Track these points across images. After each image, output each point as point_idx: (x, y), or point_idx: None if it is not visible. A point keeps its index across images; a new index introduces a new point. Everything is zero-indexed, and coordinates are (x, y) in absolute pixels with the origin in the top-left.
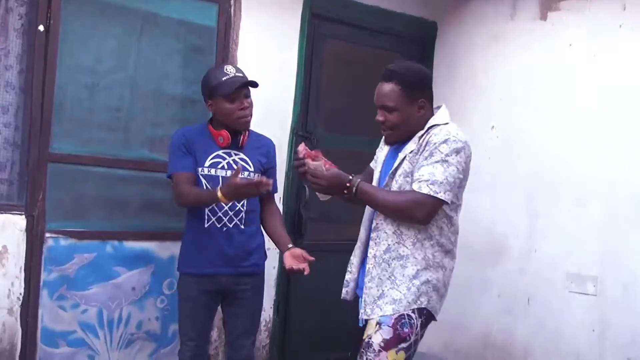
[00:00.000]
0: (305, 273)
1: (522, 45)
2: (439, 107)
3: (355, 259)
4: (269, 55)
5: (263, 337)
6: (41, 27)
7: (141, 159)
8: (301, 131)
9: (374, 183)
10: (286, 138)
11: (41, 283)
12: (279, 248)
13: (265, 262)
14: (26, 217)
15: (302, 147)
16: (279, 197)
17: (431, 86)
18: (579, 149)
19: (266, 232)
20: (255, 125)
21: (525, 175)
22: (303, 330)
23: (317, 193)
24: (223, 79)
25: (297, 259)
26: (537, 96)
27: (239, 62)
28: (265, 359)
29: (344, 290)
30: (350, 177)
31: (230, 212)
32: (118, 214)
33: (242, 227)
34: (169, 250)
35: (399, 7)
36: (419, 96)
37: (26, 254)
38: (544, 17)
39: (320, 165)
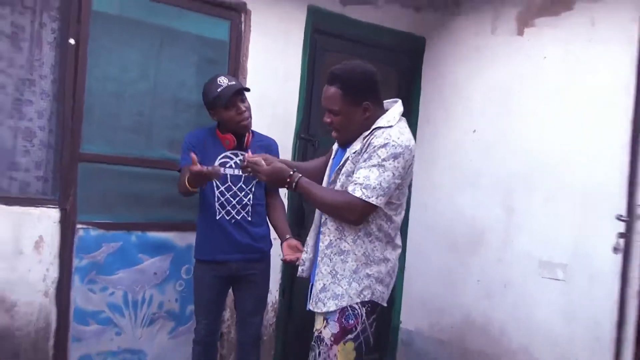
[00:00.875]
0: (297, 263)
1: (501, 58)
2: (395, 102)
3: (310, 240)
4: (275, 66)
5: (270, 316)
6: (72, 41)
7: (161, 158)
8: (304, 134)
9: (326, 175)
10: (291, 141)
11: (73, 269)
12: (279, 238)
13: (272, 250)
14: (59, 210)
15: (246, 156)
16: (283, 193)
17: (377, 87)
18: (552, 151)
19: (270, 223)
20: (263, 129)
21: (503, 174)
22: (306, 311)
23: None
24: (218, 90)
25: (292, 249)
26: (514, 103)
27: (249, 72)
28: (271, 336)
29: (299, 269)
30: (291, 173)
31: (237, 206)
32: (141, 207)
33: (249, 218)
34: (187, 240)
35: (391, 23)
36: (362, 99)
37: (60, 243)
38: (520, 33)
39: (259, 160)
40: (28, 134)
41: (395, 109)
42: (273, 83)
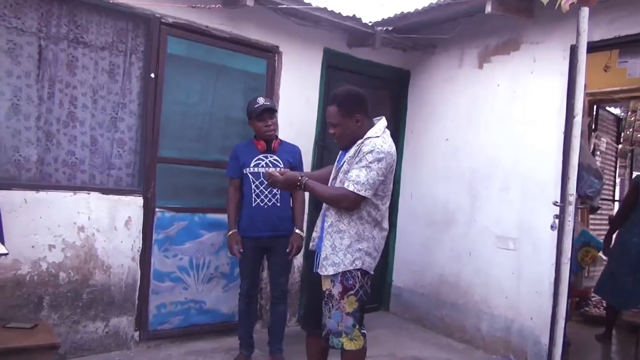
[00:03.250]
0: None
1: (466, 86)
2: (380, 118)
3: (318, 222)
4: (300, 92)
5: (296, 276)
6: (152, 75)
7: (216, 160)
8: (321, 142)
9: (332, 173)
10: (311, 147)
11: (153, 241)
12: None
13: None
14: (143, 198)
15: (267, 172)
16: None
17: (365, 104)
18: (504, 154)
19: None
20: (292, 139)
21: (468, 171)
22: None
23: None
24: (255, 106)
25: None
26: (476, 119)
27: (280, 97)
28: (297, 290)
29: (310, 244)
30: (300, 177)
31: (269, 195)
32: (202, 196)
33: (278, 204)
34: None
35: (385, 60)
36: (354, 113)
37: (143, 221)
38: (480, 67)
39: (274, 171)
40: (121, 143)
41: (381, 123)
42: (298, 105)
